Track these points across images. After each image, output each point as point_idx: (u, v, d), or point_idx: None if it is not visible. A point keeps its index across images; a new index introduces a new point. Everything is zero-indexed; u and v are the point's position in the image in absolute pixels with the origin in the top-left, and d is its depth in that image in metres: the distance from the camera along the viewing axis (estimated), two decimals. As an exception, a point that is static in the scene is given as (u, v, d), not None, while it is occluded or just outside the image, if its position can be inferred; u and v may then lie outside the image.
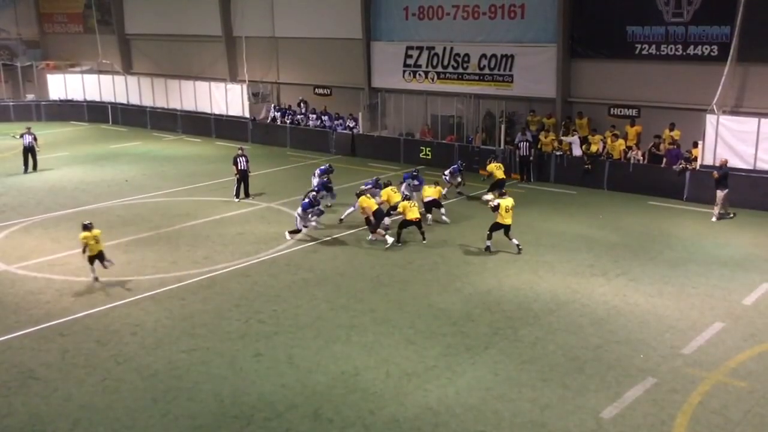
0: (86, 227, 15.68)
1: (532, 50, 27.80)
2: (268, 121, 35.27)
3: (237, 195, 23.14)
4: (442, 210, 20.44)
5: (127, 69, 43.29)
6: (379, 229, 18.51)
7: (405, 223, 18.57)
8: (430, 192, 20.26)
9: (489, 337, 12.96)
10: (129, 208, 22.56)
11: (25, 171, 27.63)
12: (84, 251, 15.63)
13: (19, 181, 26.23)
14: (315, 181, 22.10)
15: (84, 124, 40.67)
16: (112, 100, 41.33)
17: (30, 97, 43.45)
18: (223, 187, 24.63)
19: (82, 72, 43.48)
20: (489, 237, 17.84)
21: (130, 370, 11.85)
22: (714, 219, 20.57)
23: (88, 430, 10.12)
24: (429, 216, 20.21)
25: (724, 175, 20.54)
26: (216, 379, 11.51)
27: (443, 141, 29.45)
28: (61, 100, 42.54)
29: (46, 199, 23.33)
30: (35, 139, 28.15)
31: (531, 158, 25.61)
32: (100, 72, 42.93)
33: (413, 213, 18.49)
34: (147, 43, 42.81)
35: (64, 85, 42.80)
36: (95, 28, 43.88)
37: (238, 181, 23.20)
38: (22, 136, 27.99)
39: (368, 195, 19.26)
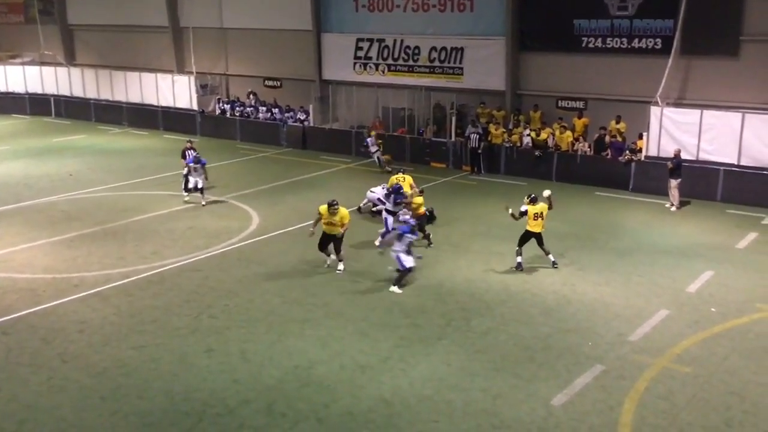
0: None
1: (482, 43, 28.01)
2: (217, 114, 34.79)
3: (186, 189, 22.72)
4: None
5: (70, 60, 42.17)
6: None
7: (420, 221, 17.13)
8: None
9: (442, 328, 13.05)
10: (73, 202, 22.01)
11: None
12: None
13: (-42, 176, 25.36)
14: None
15: (26, 117, 39.52)
16: (55, 93, 40.21)
17: (-32, 89, 42.02)
18: (172, 181, 24.21)
19: (23, 63, 42.16)
20: (519, 252, 15.94)
21: (77, 368, 11.56)
22: (674, 209, 21.07)
23: (33, 431, 9.86)
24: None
25: (678, 165, 21.07)
26: (166, 375, 11.32)
27: (394, 133, 29.50)
28: (1, 93, 41.21)
29: (-13, 194, 22.61)
30: None
31: (479, 150, 25.81)
32: (42, 63, 41.69)
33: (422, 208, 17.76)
34: (91, 34, 41.75)
35: (5, 77, 41.45)
36: (36, 18, 42.59)
37: (186, 176, 22.74)
38: None
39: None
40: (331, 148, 29.81)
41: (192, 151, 22.81)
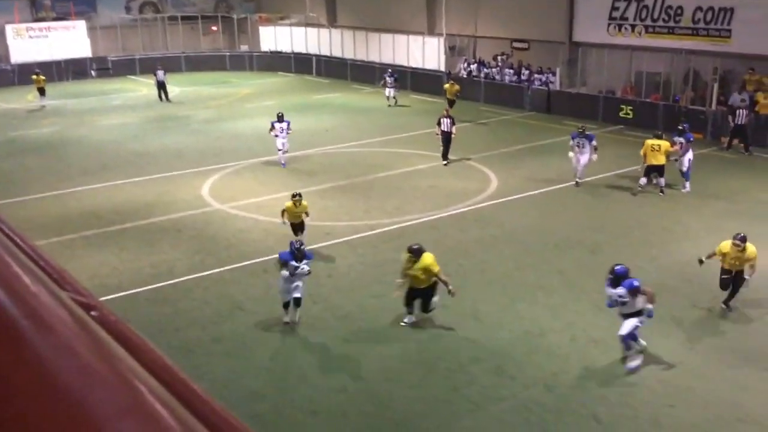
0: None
1: (756, 3, 25.22)
2: (463, 75, 35.13)
3: (444, 158, 22.43)
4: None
5: (332, 22, 44.85)
6: None
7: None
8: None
9: (685, 310, 12.31)
10: (328, 156, 23.68)
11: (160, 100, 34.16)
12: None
13: (233, 127, 28.31)
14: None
15: (290, 75, 42.94)
16: (317, 53, 43.17)
17: (244, 48, 46.52)
18: (416, 140, 25.04)
19: (291, 25, 45.72)
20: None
21: (324, 309, 12.61)
22: None
23: (285, 361, 10.99)
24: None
25: None
26: (402, 327, 11.92)
27: (647, 100, 27.82)
28: (271, 52, 45.14)
29: (256, 145, 25.00)
30: (165, 74, 34.17)
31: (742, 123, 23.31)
32: (308, 25, 44.89)
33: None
34: (351, -3, 44.06)
35: (275, 38, 45.34)
36: (305, -19, 45.84)
37: (444, 143, 22.66)
38: (155, 73, 34.09)
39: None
40: (577, 113, 28.81)
41: (447, 120, 22.45)
